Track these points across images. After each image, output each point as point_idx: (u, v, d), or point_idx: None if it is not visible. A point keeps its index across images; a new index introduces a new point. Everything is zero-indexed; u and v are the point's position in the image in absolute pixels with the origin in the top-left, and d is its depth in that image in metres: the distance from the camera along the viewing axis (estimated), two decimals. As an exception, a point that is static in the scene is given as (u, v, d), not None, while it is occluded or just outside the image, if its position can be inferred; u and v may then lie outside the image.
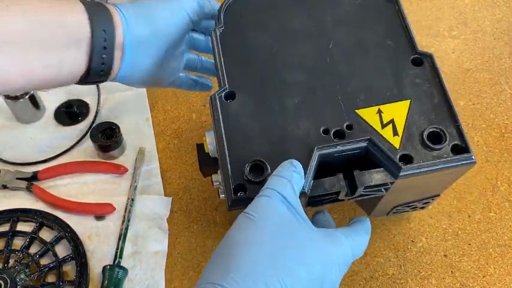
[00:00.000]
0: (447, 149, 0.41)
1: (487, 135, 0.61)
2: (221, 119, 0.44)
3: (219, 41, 0.48)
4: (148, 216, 0.59)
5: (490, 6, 0.71)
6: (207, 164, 0.49)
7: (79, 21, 0.41)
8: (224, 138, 0.43)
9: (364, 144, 0.42)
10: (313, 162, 0.41)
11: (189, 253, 0.57)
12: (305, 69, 0.46)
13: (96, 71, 0.43)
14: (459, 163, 0.40)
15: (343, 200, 0.43)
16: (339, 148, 0.42)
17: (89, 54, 0.41)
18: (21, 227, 0.57)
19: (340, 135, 0.42)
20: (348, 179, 0.42)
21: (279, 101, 0.45)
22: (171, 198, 0.60)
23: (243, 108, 0.44)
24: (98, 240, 0.57)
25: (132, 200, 0.59)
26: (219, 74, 0.46)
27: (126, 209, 0.58)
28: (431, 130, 0.41)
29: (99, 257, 0.56)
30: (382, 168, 0.42)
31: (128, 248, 0.56)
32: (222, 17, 0.49)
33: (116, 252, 0.55)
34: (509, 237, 0.55)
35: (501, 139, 0.60)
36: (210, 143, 0.45)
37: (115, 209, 0.59)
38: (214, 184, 0.45)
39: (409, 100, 0.44)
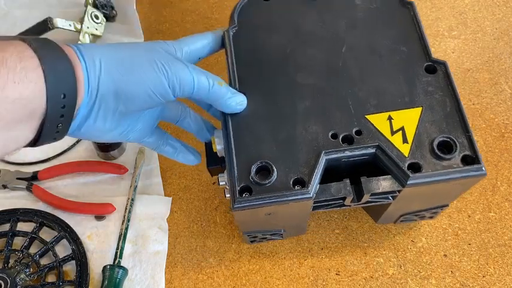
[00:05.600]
0: (457, 159, 0.40)
1: (486, 136, 0.61)
2: (230, 119, 0.44)
3: (231, 41, 0.48)
4: (148, 216, 0.59)
5: (490, 6, 0.71)
6: (215, 163, 0.48)
7: (34, 92, 0.31)
8: (232, 139, 0.43)
9: (372, 150, 0.41)
10: (320, 167, 0.41)
11: (189, 253, 0.57)
12: (317, 72, 0.46)
13: (47, 140, 0.35)
14: (468, 174, 0.40)
15: (349, 206, 0.43)
16: (347, 153, 0.41)
17: (40, 127, 0.33)
18: (21, 227, 0.57)
19: (348, 140, 0.42)
20: (354, 185, 0.42)
21: (289, 103, 0.44)
22: (171, 198, 0.60)
23: (252, 109, 0.44)
24: (98, 240, 0.57)
25: (132, 200, 0.59)
26: (230, 74, 0.46)
27: (126, 209, 0.58)
28: (441, 139, 0.41)
29: (99, 257, 0.56)
30: (389, 176, 0.41)
31: (127, 248, 0.56)
32: (235, 18, 0.49)
33: (116, 252, 0.55)
34: (509, 237, 0.55)
35: (501, 139, 0.60)
36: (218, 143, 0.45)
37: (115, 209, 0.59)
38: (221, 184, 0.45)
39: (421, 108, 0.43)
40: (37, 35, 0.69)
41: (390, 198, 0.43)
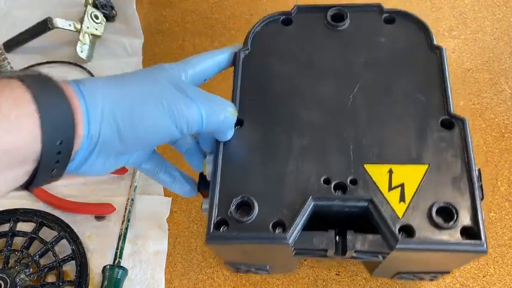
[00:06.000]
0: (456, 229, 0.36)
1: (487, 135, 0.61)
2: (222, 146, 0.41)
3: (241, 63, 0.45)
4: (148, 216, 0.59)
5: (490, 6, 0.71)
6: (206, 186, 0.44)
7: (27, 140, 0.29)
8: (219, 167, 0.40)
9: (364, 204, 0.38)
10: (305, 212, 0.38)
11: (189, 253, 0.57)
12: (322, 109, 0.43)
13: (40, 184, 0.33)
14: (465, 248, 0.36)
15: (334, 257, 0.40)
16: (337, 203, 0.38)
17: (34, 171, 0.31)
18: (21, 227, 0.57)
19: (341, 188, 0.39)
20: (341, 236, 0.38)
21: (287, 138, 0.41)
22: (171, 198, 0.60)
23: (248, 138, 0.42)
24: (98, 240, 0.57)
25: (132, 200, 0.59)
26: (233, 97, 0.44)
27: (126, 209, 0.58)
28: (442, 205, 0.37)
29: (99, 257, 0.56)
30: (379, 235, 0.37)
31: (127, 248, 0.56)
32: (249, 40, 0.47)
33: (116, 252, 0.55)
34: (509, 237, 0.55)
35: (501, 139, 0.60)
36: (208, 168, 0.42)
37: (115, 209, 0.59)
38: (203, 210, 0.42)
39: (427, 166, 0.39)
40: (37, 35, 0.69)
41: (380, 257, 0.39)
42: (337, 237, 0.38)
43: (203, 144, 0.44)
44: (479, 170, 0.40)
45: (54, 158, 0.31)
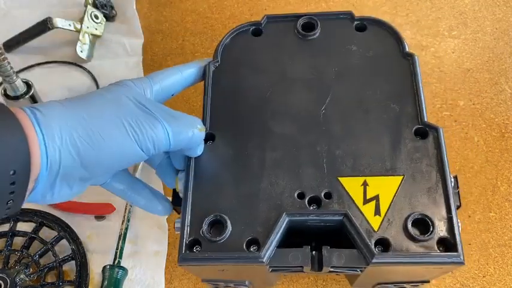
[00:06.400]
0: (433, 241, 0.36)
1: (487, 135, 0.61)
2: (193, 163, 0.41)
3: (211, 76, 0.45)
4: (148, 216, 0.59)
5: (490, 6, 0.71)
6: (179, 202, 0.42)
7: None
8: (191, 183, 0.40)
9: (339, 218, 0.37)
10: (280, 229, 0.37)
11: (189, 253, 0.57)
12: (294, 121, 0.42)
13: None
14: (442, 260, 0.35)
15: (310, 273, 0.39)
16: (311, 217, 0.38)
17: None
18: (21, 226, 0.57)
19: (316, 202, 0.38)
20: (317, 252, 0.38)
21: (259, 152, 0.41)
22: (171, 198, 0.60)
23: (219, 154, 0.41)
24: (98, 240, 0.57)
25: (132, 200, 0.59)
26: (203, 111, 0.43)
27: (126, 209, 0.58)
28: (418, 217, 0.37)
29: (99, 257, 0.56)
30: (355, 250, 0.37)
31: (127, 248, 0.56)
32: (219, 52, 0.46)
33: (116, 252, 0.55)
34: (509, 237, 0.55)
35: (501, 139, 0.60)
36: (180, 185, 0.42)
37: (115, 209, 0.58)
38: (176, 230, 0.40)
39: (402, 177, 0.38)
40: (37, 35, 0.69)
41: (358, 270, 0.38)
42: (313, 253, 0.38)
43: (174, 162, 0.43)
44: (455, 177, 0.40)
45: (7, 189, 0.30)
